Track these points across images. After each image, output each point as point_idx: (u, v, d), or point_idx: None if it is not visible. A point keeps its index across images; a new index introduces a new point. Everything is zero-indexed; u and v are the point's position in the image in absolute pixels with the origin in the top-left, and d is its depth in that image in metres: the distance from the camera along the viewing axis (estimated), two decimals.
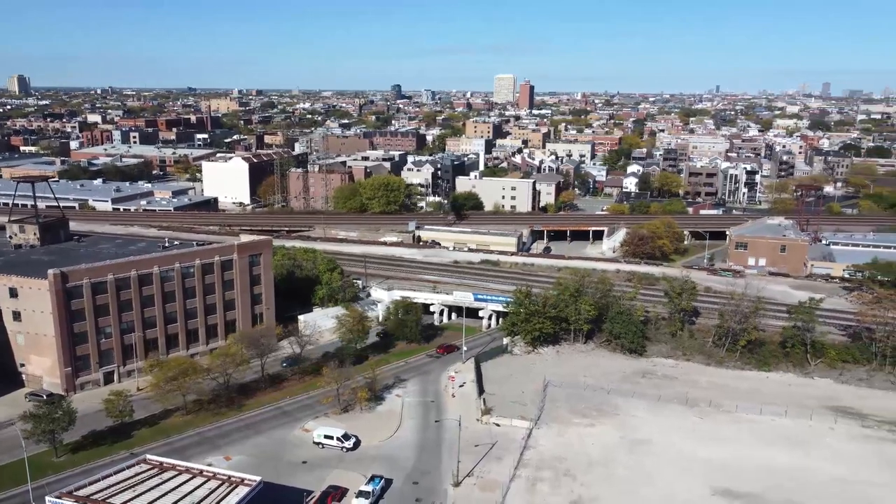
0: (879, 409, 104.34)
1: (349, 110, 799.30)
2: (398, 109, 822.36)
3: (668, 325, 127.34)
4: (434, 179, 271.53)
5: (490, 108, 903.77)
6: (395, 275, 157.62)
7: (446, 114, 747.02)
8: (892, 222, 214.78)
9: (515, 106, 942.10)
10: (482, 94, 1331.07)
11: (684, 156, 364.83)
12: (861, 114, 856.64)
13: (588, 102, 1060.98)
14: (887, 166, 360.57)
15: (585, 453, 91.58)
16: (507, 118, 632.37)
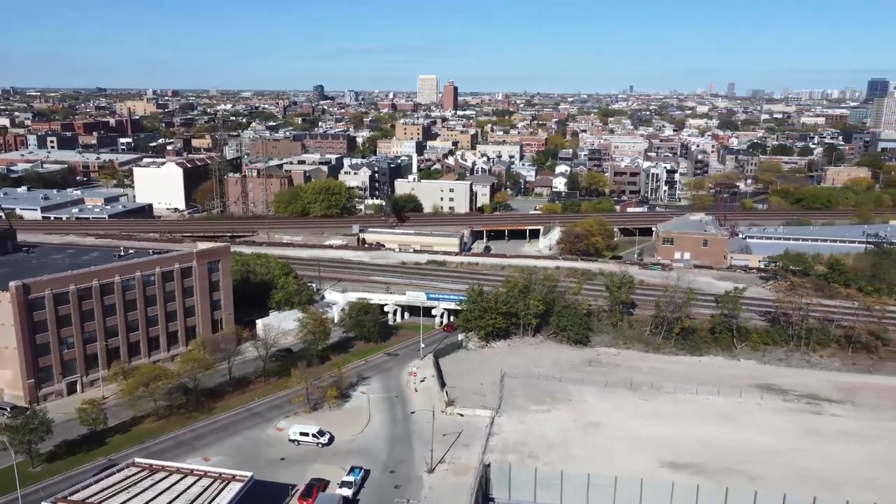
0: (797, 385, 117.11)
1: (273, 112, 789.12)
2: (324, 111, 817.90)
3: (609, 317, 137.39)
4: (371, 182, 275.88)
5: (415, 109, 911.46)
6: (347, 277, 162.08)
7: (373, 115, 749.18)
8: (798, 216, 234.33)
9: (440, 107, 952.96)
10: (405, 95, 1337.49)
11: (607, 156, 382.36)
12: (764, 113, 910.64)
13: (510, 103, 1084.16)
14: (790, 164, 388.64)
15: (545, 437, 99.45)
16: (434, 119, 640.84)
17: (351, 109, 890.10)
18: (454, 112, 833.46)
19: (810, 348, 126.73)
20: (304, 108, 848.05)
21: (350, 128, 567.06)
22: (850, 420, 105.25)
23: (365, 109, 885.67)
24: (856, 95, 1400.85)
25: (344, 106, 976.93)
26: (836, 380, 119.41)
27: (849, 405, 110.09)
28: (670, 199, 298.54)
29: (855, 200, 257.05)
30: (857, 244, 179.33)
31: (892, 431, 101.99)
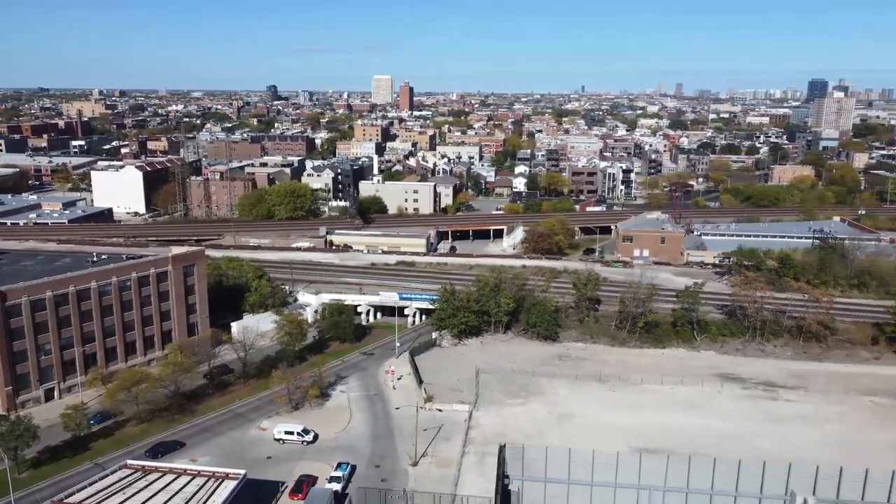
0: (754, 374, 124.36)
1: (227, 113, 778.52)
2: (279, 112, 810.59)
3: (576, 313, 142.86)
4: (335, 184, 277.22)
5: (371, 110, 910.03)
6: (319, 279, 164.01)
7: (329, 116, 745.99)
8: (749, 213, 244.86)
9: (396, 107, 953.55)
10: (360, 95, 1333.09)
11: (564, 156, 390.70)
12: (712, 113, 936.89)
13: (466, 103, 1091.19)
14: (739, 162, 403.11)
15: (521, 429, 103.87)
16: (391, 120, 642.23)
17: (306, 110, 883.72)
18: (410, 112, 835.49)
19: (765, 339, 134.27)
20: (259, 108, 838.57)
21: (307, 129, 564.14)
22: (803, 405, 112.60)
23: (321, 110, 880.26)
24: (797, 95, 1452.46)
25: (299, 106, 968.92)
26: (790, 368, 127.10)
27: (801, 391, 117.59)
28: (627, 198, 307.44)
29: (800, 198, 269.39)
30: (804, 240, 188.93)
31: (841, 414, 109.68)
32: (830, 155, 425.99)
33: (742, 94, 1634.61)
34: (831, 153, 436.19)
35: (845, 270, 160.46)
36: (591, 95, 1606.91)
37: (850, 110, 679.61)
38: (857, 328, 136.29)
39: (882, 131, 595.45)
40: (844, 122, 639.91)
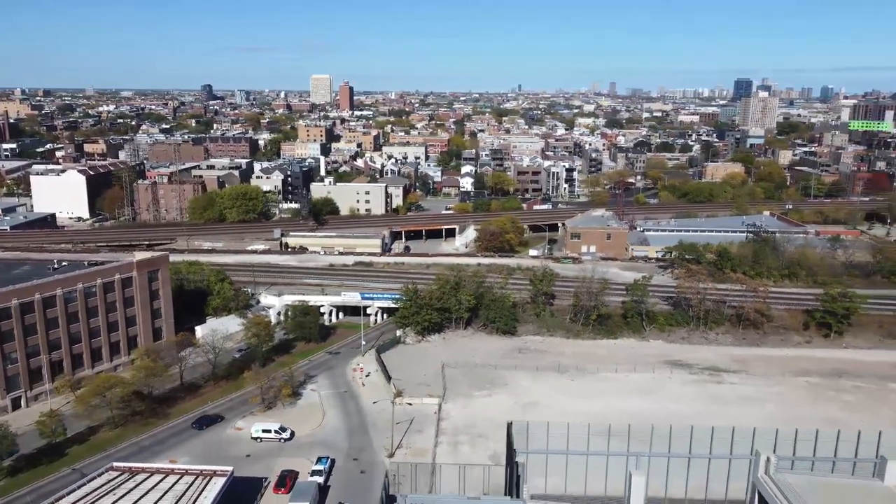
0: (699, 360, 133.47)
1: (162, 113, 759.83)
2: (216, 112, 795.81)
3: (533, 308, 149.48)
4: (285, 186, 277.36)
5: (311, 110, 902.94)
6: (280, 281, 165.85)
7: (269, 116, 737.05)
8: (686, 209, 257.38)
9: (336, 107, 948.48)
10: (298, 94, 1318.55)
11: (508, 155, 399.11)
12: (645, 112, 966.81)
13: (406, 103, 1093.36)
14: (673, 160, 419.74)
15: (490, 418, 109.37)
16: (333, 120, 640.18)
17: (244, 110, 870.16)
18: (351, 112, 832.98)
19: (708, 327, 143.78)
20: (196, 109, 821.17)
21: (248, 130, 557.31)
22: (745, 387, 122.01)
23: (259, 110, 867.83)
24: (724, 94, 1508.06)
25: (236, 106, 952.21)
26: (731, 353, 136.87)
27: (743, 374, 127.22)
28: (570, 196, 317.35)
29: (732, 194, 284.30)
30: (738, 234, 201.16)
31: (779, 394, 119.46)
32: (758, 152, 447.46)
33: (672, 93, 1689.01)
34: (758, 150, 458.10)
35: (777, 262, 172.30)
36: (529, 94, 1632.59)
37: (773, 109, 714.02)
38: (789, 315, 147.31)
39: (803, 129, 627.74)
40: (769, 120, 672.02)
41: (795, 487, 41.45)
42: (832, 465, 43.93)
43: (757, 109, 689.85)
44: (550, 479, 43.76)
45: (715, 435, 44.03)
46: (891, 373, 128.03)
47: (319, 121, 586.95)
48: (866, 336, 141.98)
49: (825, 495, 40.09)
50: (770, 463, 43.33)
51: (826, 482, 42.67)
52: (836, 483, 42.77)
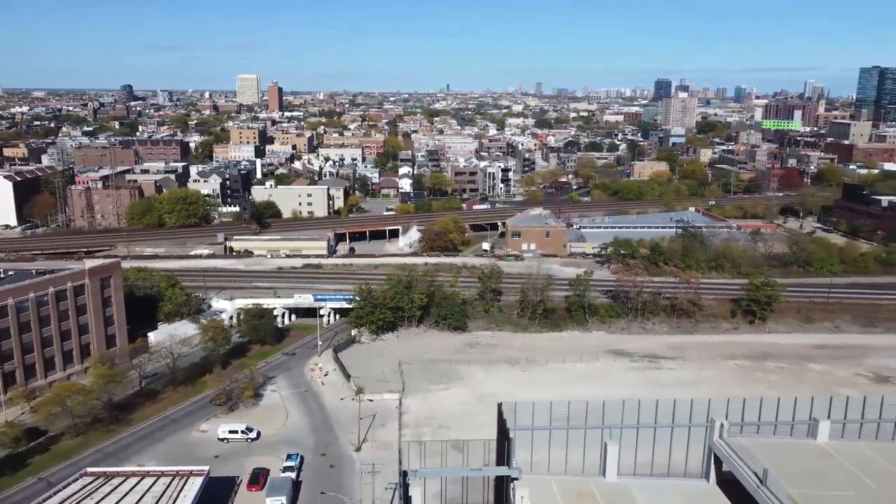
0: (639, 348, 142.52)
1: (82, 115, 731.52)
2: (140, 114, 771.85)
3: (481, 304, 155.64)
4: (223, 189, 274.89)
5: (239, 111, 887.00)
6: (230, 285, 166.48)
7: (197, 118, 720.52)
8: (618, 207, 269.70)
9: (265, 108, 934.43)
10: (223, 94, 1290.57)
11: (443, 156, 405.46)
12: (572, 112, 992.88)
13: (336, 103, 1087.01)
14: (602, 159, 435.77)
15: (449, 410, 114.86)
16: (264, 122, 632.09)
17: (168, 111, 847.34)
18: (281, 113, 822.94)
19: (645, 318, 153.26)
20: (118, 110, 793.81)
21: (176, 132, 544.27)
22: (681, 371, 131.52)
23: (185, 111, 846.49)
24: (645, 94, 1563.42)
25: (159, 107, 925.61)
26: (667, 341, 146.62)
27: (679, 360, 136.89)
28: (507, 196, 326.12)
29: (660, 191, 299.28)
30: (668, 229, 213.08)
31: (712, 377, 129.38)
32: (680, 151, 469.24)
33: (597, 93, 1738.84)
34: (681, 149, 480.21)
35: (704, 254, 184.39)
36: (457, 94, 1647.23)
37: (693, 109, 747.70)
38: (718, 304, 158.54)
39: (721, 128, 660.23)
40: (689, 119, 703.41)
41: (745, 447, 48.34)
42: (774, 428, 51.09)
43: (677, 109, 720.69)
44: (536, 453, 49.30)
45: (676, 407, 50.55)
46: (809, 353, 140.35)
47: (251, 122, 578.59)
48: (786, 321, 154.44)
49: (769, 453, 47.01)
50: (723, 428, 50.18)
51: (769, 442, 49.77)
52: (777, 442, 49.93)
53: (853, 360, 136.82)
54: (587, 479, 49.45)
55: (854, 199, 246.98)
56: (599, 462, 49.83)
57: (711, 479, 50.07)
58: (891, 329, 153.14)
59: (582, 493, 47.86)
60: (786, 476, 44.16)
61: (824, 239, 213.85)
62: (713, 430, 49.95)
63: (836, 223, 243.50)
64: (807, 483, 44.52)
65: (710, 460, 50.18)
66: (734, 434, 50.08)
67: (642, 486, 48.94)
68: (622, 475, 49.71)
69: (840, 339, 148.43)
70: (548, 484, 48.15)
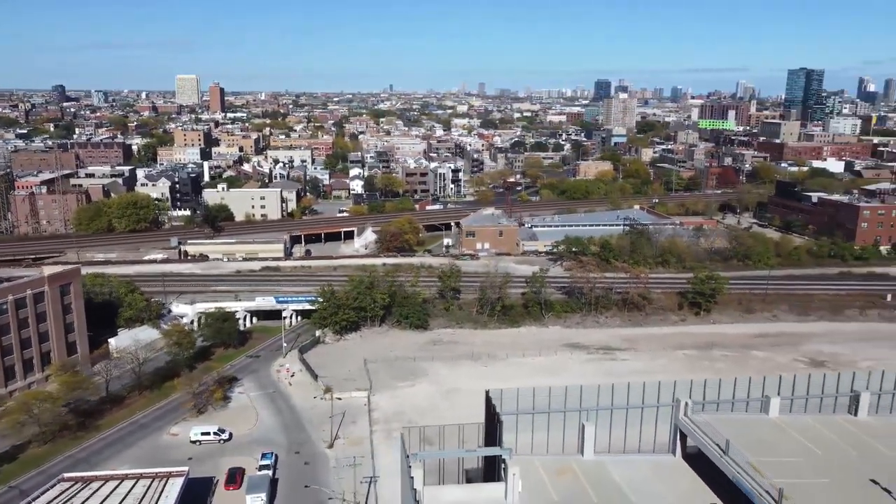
0: (594, 341, 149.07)
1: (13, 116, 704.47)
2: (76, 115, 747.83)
3: (442, 303, 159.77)
4: (173, 193, 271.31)
5: (179, 112, 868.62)
6: (189, 289, 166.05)
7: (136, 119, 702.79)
8: (566, 206, 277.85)
9: (206, 108, 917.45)
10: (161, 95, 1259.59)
11: (392, 157, 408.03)
12: (515, 112, 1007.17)
13: (279, 104, 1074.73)
14: (548, 159, 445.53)
15: (416, 406, 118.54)
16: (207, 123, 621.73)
17: (105, 112, 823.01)
18: (224, 115, 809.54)
19: (598, 312, 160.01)
20: (51, 112, 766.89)
21: (116, 134, 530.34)
22: (634, 362, 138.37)
23: (123, 112, 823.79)
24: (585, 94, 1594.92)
25: (94, 109, 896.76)
26: (620, 333, 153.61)
27: (632, 351, 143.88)
28: (458, 196, 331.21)
29: (605, 190, 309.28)
30: (616, 227, 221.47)
31: (663, 366, 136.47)
32: (623, 150, 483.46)
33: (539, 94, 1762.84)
34: (623, 149, 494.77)
35: (651, 251, 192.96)
36: (401, 94, 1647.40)
37: (633, 109, 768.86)
38: (666, 297, 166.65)
39: (659, 128, 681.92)
40: (629, 119, 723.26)
41: (708, 423, 53.65)
42: (731, 405, 56.68)
43: (618, 110, 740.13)
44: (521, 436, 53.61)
45: (645, 389, 55.61)
46: (751, 342, 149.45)
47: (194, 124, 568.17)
48: (729, 312, 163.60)
49: (728, 427, 52.36)
50: (688, 407, 55.45)
51: (728, 418, 55.26)
52: (735, 418, 55.47)
53: (791, 347, 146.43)
54: (567, 458, 53.96)
55: (786, 195, 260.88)
56: (578, 442, 54.42)
57: (678, 453, 55.26)
58: (823, 317, 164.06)
59: (563, 470, 52.33)
60: (744, 447, 49.53)
61: (761, 234, 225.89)
62: (678, 409, 55.14)
63: (770, 219, 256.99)
64: (762, 452, 50.01)
65: (675, 436, 55.39)
66: (697, 412, 55.40)
67: (617, 462, 53.74)
68: (598, 453, 54.38)
69: (778, 327, 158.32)
70: (531, 463, 52.41)
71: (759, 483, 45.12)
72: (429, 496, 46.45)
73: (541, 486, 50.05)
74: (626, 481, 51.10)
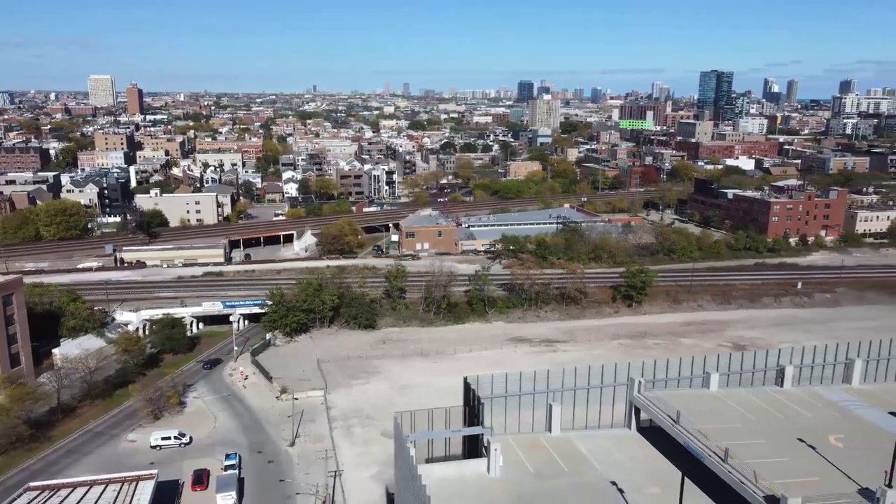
0: (536, 334, 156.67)
1: None
2: None
3: (388, 302, 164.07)
4: (101, 199, 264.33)
5: (94, 114, 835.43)
6: (129, 297, 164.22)
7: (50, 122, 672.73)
8: (500, 205, 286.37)
9: (123, 111, 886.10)
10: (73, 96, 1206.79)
11: (324, 159, 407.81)
12: (442, 113, 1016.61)
13: (201, 106, 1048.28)
14: (478, 160, 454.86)
15: (373, 402, 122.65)
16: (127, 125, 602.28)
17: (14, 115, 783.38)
18: (143, 117, 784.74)
19: (538, 306, 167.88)
20: None
21: (30, 138, 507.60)
22: (574, 352, 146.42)
23: (33, 115, 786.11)
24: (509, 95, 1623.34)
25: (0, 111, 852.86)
26: (559, 326, 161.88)
27: (572, 342, 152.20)
28: (392, 198, 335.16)
29: (536, 190, 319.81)
30: (549, 225, 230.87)
31: (602, 355, 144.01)
32: (549, 150, 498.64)
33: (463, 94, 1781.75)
34: (549, 149, 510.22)
35: (584, 247, 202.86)
36: (325, 95, 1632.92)
37: (557, 110, 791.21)
38: (600, 291, 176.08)
39: (582, 128, 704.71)
40: (553, 120, 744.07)
41: (659, 398, 60.69)
42: (678, 382, 64.03)
43: (543, 111, 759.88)
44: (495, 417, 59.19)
45: (604, 371, 62.22)
46: (679, 330, 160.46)
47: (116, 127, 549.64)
48: (658, 303, 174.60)
49: (676, 401, 59.39)
50: (641, 385, 62.39)
51: (675, 393, 62.45)
52: (681, 393, 62.69)
53: (715, 334, 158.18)
54: (537, 435, 59.90)
55: (704, 192, 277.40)
56: (546, 420, 60.46)
57: (633, 427, 62.07)
58: (743, 305, 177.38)
59: (535, 445, 58.20)
60: (691, 417, 56.70)
61: (683, 229, 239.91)
62: (632, 387, 61.95)
63: (691, 215, 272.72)
64: (707, 420, 57.23)
65: (631, 412, 62.21)
66: (649, 389, 62.41)
67: (581, 437, 60.06)
68: (564, 429, 60.58)
69: (703, 316, 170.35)
70: (507, 440, 58.06)
71: (707, 445, 52.18)
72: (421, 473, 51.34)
73: (517, 460, 55.73)
74: (591, 452, 57.47)
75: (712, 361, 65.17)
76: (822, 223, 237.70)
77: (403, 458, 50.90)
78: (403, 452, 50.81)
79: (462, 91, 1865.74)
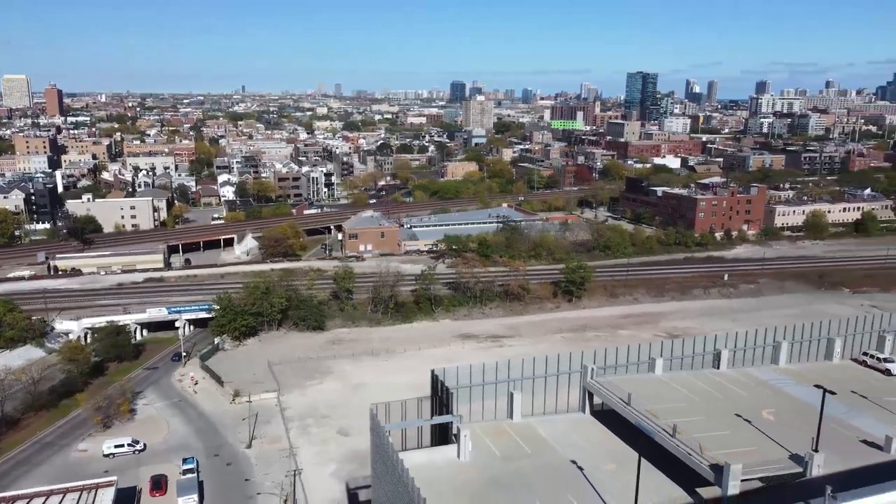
0: (482, 331, 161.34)
1: None
2: None
3: (336, 304, 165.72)
4: (28, 205, 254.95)
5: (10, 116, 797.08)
6: (68, 305, 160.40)
7: None
8: (440, 206, 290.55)
9: (42, 112, 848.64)
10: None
11: (260, 161, 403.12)
12: (376, 114, 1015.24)
13: (125, 107, 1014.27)
14: (415, 161, 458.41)
15: (327, 402, 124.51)
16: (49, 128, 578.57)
17: None
18: (64, 119, 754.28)
19: (483, 304, 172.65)
20: None
21: None
22: (520, 347, 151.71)
23: None
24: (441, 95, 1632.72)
25: None
26: (504, 322, 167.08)
27: (517, 337, 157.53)
28: (331, 200, 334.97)
29: (474, 190, 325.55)
30: (489, 224, 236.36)
31: (546, 349, 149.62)
32: (484, 151, 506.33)
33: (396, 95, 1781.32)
34: (484, 149, 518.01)
35: (524, 245, 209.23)
36: (255, 96, 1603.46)
37: (490, 110, 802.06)
38: (541, 287, 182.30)
39: (515, 128, 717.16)
40: (487, 120, 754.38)
41: (611, 383, 65.67)
42: (626, 368, 69.26)
43: (476, 111, 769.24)
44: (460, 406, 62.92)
45: (559, 360, 66.78)
46: (617, 322, 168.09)
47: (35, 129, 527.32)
48: (597, 298, 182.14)
49: (626, 385, 64.44)
50: (593, 371, 67.26)
51: (624, 378, 67.52)
52: (629, 378, 67.82)
53: (651, 325, 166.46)
54: (500, 422, 63.93)
55: (635, 190, 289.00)
56: (507, 407, 64.58)
57: (587, 410, 66.85)
58: (675, 297, 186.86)
59: (499, 432, 62.19)
60: (641, 399, 61.87)
61: (617, 226, 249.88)
62: (586, 374, 66.77)
63: (623, 212, 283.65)
64: (654, 401, 62.46)
65: (584, 397, 67.00)
66: (600, 375, 67.37)
67: (540, 422, 64.41)
68: (525, 416, 64.81)
69: (639, 308, 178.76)
70: (472, 427, 61.79)
71: (657, 423, 57.30)
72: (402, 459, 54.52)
73: (484, 445, 59.59)
74: (550, 436, 61.87)
75: (657, 348, 70.70)
76: (745, 218, 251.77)
77: (382, 448, 53.93)
78: (382, 442, 53.82)
79: (395, 91, 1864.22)
